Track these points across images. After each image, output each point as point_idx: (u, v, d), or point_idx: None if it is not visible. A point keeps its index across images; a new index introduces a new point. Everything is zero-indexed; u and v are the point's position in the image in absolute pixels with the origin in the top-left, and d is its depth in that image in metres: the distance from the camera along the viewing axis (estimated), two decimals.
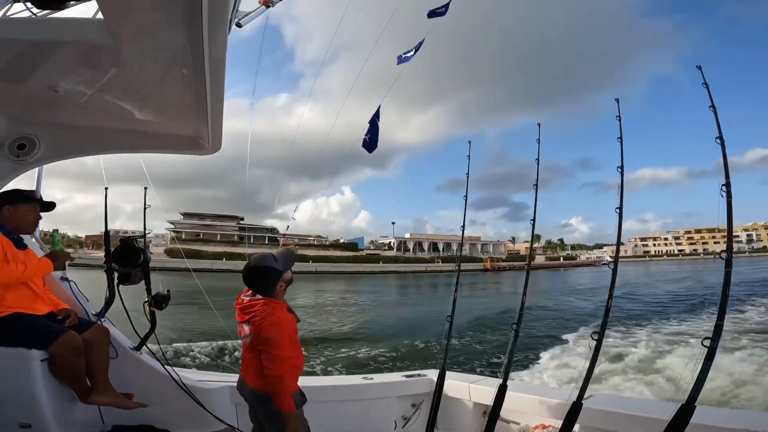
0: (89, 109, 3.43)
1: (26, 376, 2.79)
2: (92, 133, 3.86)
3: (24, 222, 3.25)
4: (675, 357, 12.11)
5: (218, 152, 4.10)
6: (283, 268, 2.95)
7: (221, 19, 2.23)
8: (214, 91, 2.90)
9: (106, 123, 3.77)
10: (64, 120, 3.65)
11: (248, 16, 5.01)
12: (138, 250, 3.68)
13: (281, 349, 2.77)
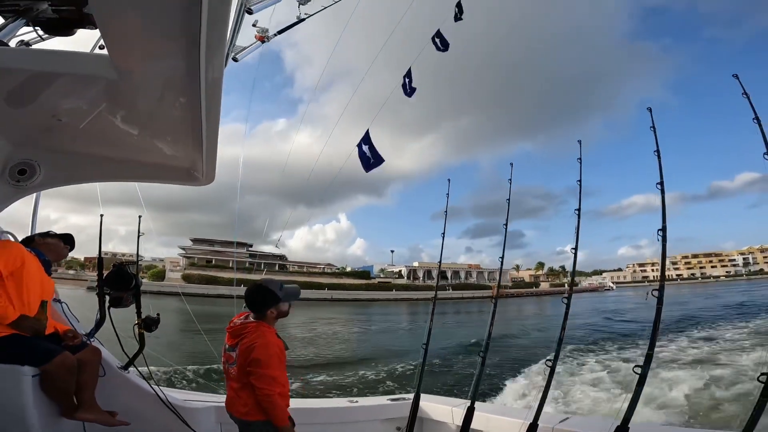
0: (89, 138, 3.45)
1: (17, 390, 2.79)
2: (91, 161, 3.87)
3: (50, 251, 3.46)
4: (613, 381, 12.77)
5: (216, 177, 4.08)
6: (283, 297, 3.03)
7: (217, 57, 2.26)
8: (209, 125, 2.92)
9: (105, 152, 3.78)
10: (64, 147, 3.66)
11: (244, 50, 5.03)
12: (130, 276, 3.71)
13: (271, 369, 2.79)
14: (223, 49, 2.28)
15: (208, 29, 1.99)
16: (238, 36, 4.74)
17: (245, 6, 4.55)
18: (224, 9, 1.98)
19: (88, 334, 3.71)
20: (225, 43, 2.26)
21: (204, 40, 2.05)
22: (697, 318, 29.65)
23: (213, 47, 2.14)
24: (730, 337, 19.70)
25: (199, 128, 2.94)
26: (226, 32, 2.17)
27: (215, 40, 2.11)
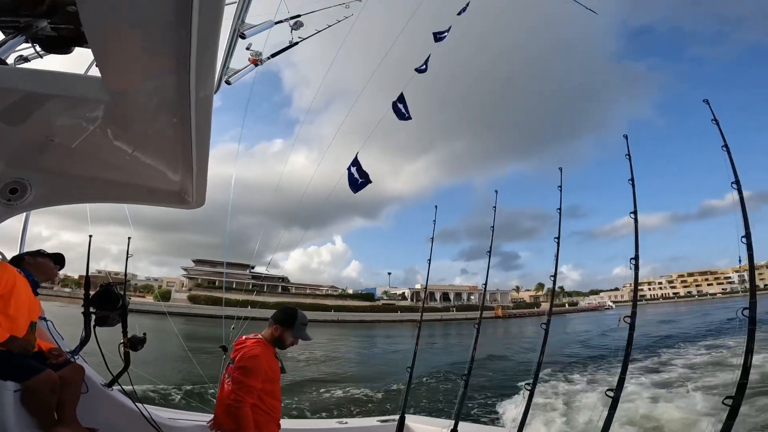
0: (81, 158, 3.41)
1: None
2: (82, 182, 3.82)
3: (40, 271, 3.41)
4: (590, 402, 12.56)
5: (209, 197, 4.05)
6: (294, 329, 3.13)
7: (207, 81, 2.25)
8: (199, 150, 2.91)
9: (96, 173, 3.74)
10: (56, 167, 3.60)
11: (238, 74, 5.00)
12: (117, 296, 3.67)
13: (251, 378, 2.78)
14: (213, 74, 2.26)
15: (197, 54, 1.98)
16: (231, 59, 4.74)
17: (238, 31, 4.53)
18: (214, 34, 1.96)
19: (72, 352, 3.64)
20: (215, 69, 2.24)
21: (194, 65, 2.03)
22: (677, 337, 29.74)
23: (203, 72, 2.13)
24: (701, 360, 19.40)
25: (190, 152, 2.93)
26: (216, 57, 2.14)
27: (205, 65, 2.09)
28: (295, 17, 5.65)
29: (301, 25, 5.73)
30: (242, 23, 4.48)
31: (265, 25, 4.94)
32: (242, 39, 4.62)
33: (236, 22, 4.42)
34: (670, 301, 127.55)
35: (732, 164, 3.82)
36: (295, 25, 5.70)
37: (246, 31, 4.59)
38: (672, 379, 15.06)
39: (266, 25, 4.95)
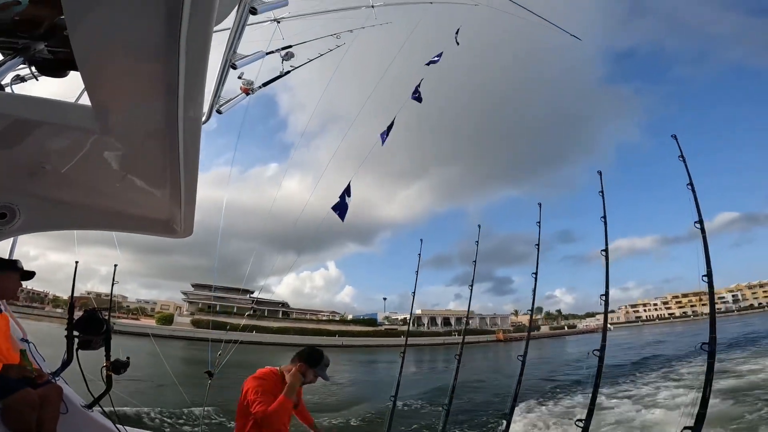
0: (70, 185, 3.38)
1: None
2: (71, 209, 3.78)
3: (4, 288, 3.40)
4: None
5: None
6: (318, 368, 3.24)
7: (195, 113, 2.25)
8: (187, 180, 2.89)
9: (84, 200, 3.70)
10: (45, 194, 3.55)
11: (229, 103, 4.96)
12: (101, 321, 3.62)
13: (261, 396, 2.90)
14: (201, 104, 2.25)
15: (186, 82, 1.96)
16: (222, 88, 4.69)
17: (230, 61, 4.51)
18: (202, 62, 1.94)
19: (53, 373, 3.59)
20: (202, 98, 2.23)
21: (182, 94, 2.01)
22: (649, 364, 29.62)
23: (191, 102, 2.12)
24: (668, 385, 19.58)
25: (178, 182, 2.90)
26: (203, 86, 2.12)
27: (193, 94, 2.08)
28: (286, 48, 5.69)
29: (292, 56, 5.74)
30: (234, 53, 4.47)
31: (257, 55, 4.93)
32: (233, 69, 4.60)
33: (228, 53, 4.40)
34: (666, 322, 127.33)
35: (696, 203, 3.79)
36: (286, 55, 5.71)
37: (237, 61, 4.56)
38: (639, 405, 15.19)
39: (258, 55, 4.94)
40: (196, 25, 1.71)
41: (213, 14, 1.75)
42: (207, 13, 1.71)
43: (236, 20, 4.04)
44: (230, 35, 4.20)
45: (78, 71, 3.00)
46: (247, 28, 4.26)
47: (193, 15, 1.66)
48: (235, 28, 4.09)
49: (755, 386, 15.53)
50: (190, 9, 1.62)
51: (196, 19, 1.68)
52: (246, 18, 4.10)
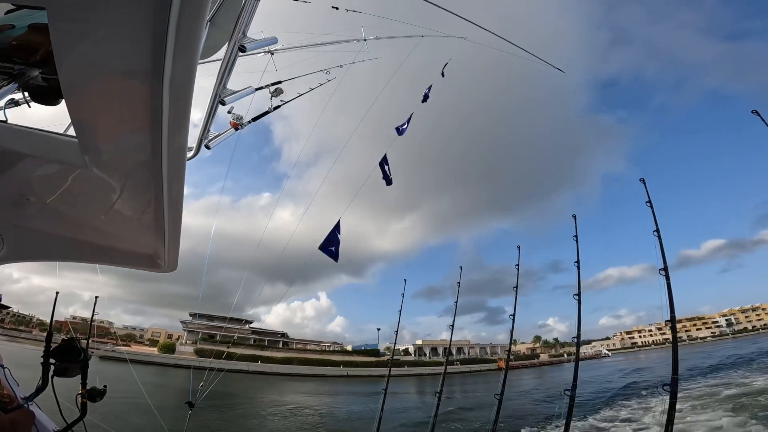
0: (55, 218, 3.32)
1: None
2: (55, 240, 3.70)
3: None
4: None
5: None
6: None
7: (180, 151, 2.23)
8: (172, 216, 2.85)
9: (69, 233, 3.64)
10: (29, 225, 3.48)
11: (218, 138, 4.88)
12: (79, 350, 3.52)
13: None
14: (185, 139, 2.19)
15: (171, 116, 1.92)
16: (212, 123, 4.62)
17: (219, 97, 4.47)
18: (186, 95, 1.89)
19: (27, 398, 3.47)
20: (187, 133, 2.17)
21: (166, 128, 1.97)
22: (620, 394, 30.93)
23: (176, 137, 2.08)
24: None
25: (162, 217, 2.86)
26: (188, 121, 2.07)
27: (178, 129, 2.04)
28: (275, 83, 5.67)
29: (281, 92, 5.69)
30: (224, 88, 4.44)
31: (246, 91, 4.88)
32: (222, 105, 4.55)
33: (217, 88, 4.37)
34: (661, 347, 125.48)
35: (662, 250, 3.69)
36: (276, 92, 5.66)
37: (226, 97, 4.51)
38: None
39: (247, 91, 4.90)
40: (182, 56, 1.69)
41: (198, 46, 1.72)
42: (192, 44, 1.69)
43: (225, 57, 4.02)
44: (220, 71, 4.18)
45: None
46: (240, 58, 4.26)
47: (178, 46, 1.63)
48: (224, 64, 4.07)
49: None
50: (175, 40, 1.60)
51: (181, 50, 1.65)
52: (235, 56, 4.08)
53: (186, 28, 1.58)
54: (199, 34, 1.67)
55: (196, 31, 1.63)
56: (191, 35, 1.63)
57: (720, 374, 33.67)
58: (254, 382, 54.75)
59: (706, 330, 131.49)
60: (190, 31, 1.61)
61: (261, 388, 48.34)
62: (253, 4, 3.77)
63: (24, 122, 2.68)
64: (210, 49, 4.56)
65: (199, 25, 1.62)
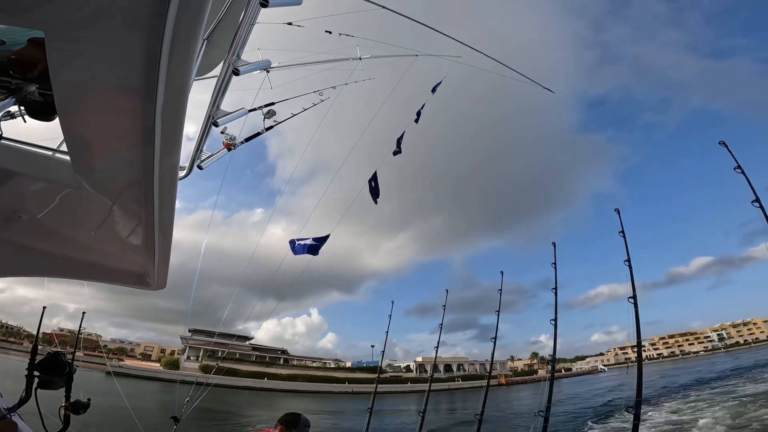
0: (45, 234, 3.27)
1: None
2: (44, 257, 3.63)
3: None
4: None
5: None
6: (296, 429, 3.44)
7: (171, 173, 2.23)
8: (162, 235, 2.84)
9: (59, 250, 3.58)
10: (19, 241, 3.40)
11: (211, 158, 4.85)
12: (64, 363, 3.49)
13: None
14: (177, 157, 2.18)
15: (163, 133, 1.90)
16: (204, 144, 4.62)
17: (213, 118, 4.45)
18: (179, 113, 1.87)
19: (10, 409, 3.41)
20: (179, 152, 2.16)
21: (159, 146, 1.96)
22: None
23: (167, 155, 2.06)
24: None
25: (152, 236, 2.84)
26: (180, 139, 2.06)
27: (170, 147, 2.02)
28: (269, 105, 5.64)
29: (273, 114, 5.66)
30: (217, 109, 4.43)
31: (239, 113, 4.88)
32: (215, 126, 4.52)
33: (211, 109, 4.36)
34: (654, 362, 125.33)
35: (632, 279, 3.68)
36: (268, 113, 5.62)
37: (219, 119, 4.47)
38: None
39: (240, 113, 4.90)
40: (175, 76, 1.68)
41: (192, 66, 1.72)
42: (186, 64, 1.68)
43: (219, 80, 4.03)
44: (213, 93, 4.18)
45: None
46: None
47: (171, 66, 1.62)
48: (218, 87, 4.08)
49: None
50: (168, 59, 1.59)
51: (174, 69, 1.64)
52: (229, 78, 4.08)
53: (180, 49, 1.57)
54: (193, 54, 1.67)
55: (189, 51, 1.63)
56: (185, 55, 1.63)
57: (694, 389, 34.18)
58: (259, 398, 54.02)
59: (698, 345, 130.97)
60: (184, 51, 1.60)
61: (263, 405, 47.66)
62: (246, 28, 3.75)
63: (18, 136, 2.68)
64: (207, 67, 4.56)
65: (193, 46, 1.62)
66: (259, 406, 45.81)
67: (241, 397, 49.76)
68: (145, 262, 3.47)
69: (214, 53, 4.31)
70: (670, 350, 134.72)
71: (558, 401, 36.26)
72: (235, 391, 56.97)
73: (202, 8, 1.46)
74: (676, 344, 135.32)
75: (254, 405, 46.24)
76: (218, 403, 28.72)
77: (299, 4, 4.14)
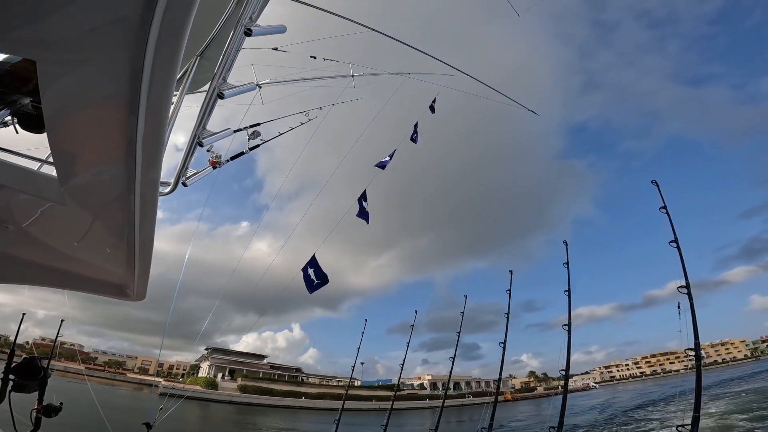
0: (29, 244, 3.28)
1: None
2: (27, 266, 3.65)
3: None
4: None
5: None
6: None
7: (152, 190, 2.27)
8: (142, 249, 2.87)
9: (42, 260, 3.59)
10: (3, 248, 3.42)
11: (196, 176, 4.83)
12: (39, 368, 3.51)
13: None
14: (158, 171, 2.22)
15: (144, 147, 1.94)
16: (190, 161, 4.53)
17: (198, 137, 4.45)
18: (160, 127, 1.92)
19: None
20: (160, 165, 2.20)
21: (140, 159, 1.99)
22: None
23: (149, 169, 2.10)
24: None
25: (133, 249, 2.86)
26: (161, 153, 2.11)
27: (152, 161, 2.06)
28: (254, 126, 5.66)
29: (258, 134, 5.63)
30: (203, 129, 4.45)
31: (225, 133, 4.85)
32: (200, 147, 4.49)
33: (196, 129, 4.38)
34: (638, 380, 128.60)
35: (569, 310, 3.80)
36: (253, 134, 5.61)
37: (204, 139, 4.44)
38: None
39: (226, 133, 4.86)
40: (157, 89, 1.73)
41: (173, 80, 1.76)
42: (167, 78, 1.73)
43: (204, 102, 4.02)
44: (199, 114, 4.18)
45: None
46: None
47: (154, 82, 1.68)
48: (203, 109, 4.06)
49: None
50: (150, 76, 1.65)
51: (157, 81, 1.69)
52: (214, 102, 4.11)
53: (162, 66, 1.64)
54: (174, 72, 1.72)
55: (171, 68, 1.69)
56: (167, 73, 1.69)
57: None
58: (295, 415, 53.45)
59: (678, 363, 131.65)
60: (165, 68, 1.66)
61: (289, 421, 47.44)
62: (232, 54, 3.82)
63: (7, 146, 2.74)
64: (201, 82, 4.55)
65: (174, 64, 1.67)
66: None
67: (269, 415, 49.89)
68: (125, 274, 3.50)
69: (209, 67, 4.33)
70: (653, 368, 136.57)
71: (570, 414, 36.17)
72: (266, 410, 57.18)
73: (184, 27, 1.52)
74: (658, 363, 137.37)
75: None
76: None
77: (283, 32, 4.25)
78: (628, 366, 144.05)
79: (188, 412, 36.79)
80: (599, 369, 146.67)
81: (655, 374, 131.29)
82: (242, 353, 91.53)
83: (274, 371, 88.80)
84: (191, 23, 1.52)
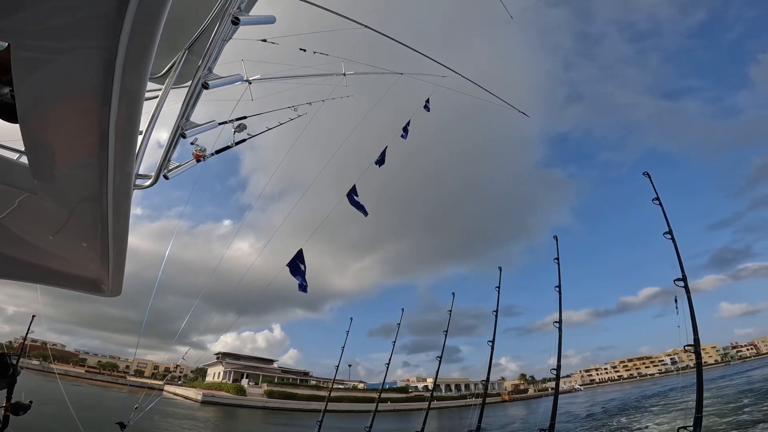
0: (1, 236, 3.12)
1: None
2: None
3: None
4: None
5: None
6: None
7: (125, 183, 2.22)
8: (116, 243, 2.82)
9: (14, 253, 3.43)
10: None
11: (178, 168, 4.69)
12: (8, 365, 3.39)
13: None
14: (131, 163, 2.17)
15: (117, 139, 1.90)
16: (172, 154, 4.38)
17: (181, 129, 4.33)
18: (133, 118, 1.86)
19: None
20: (133, 158, 2.15)
21: (113, 151, 1.96)
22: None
23: (122, 161, 2.06)
24: None
25: (107, 244, 2.82)
26: (134, 145, 2.06)
27: (125, 153, 2.01)
28: (240, 118, 5.50)
29: (244, 128, 5.46)
30: (186, 121, 4.32)
31: (209, 125, 4.70)
32: (183, 138, 4.38)
33: (179, 121, 4.25)
34: (616, 383, 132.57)
35: (560, 307, 3.80)
36: (239, 127, 5.41)
37: (188, 130, 4.26)
38: None
39: (210, 125, 4.71)
40: (131, 77, 1.68)
41: (146, 71, 1.71)
42: (140, 69, 1.68)
43: (189, 92, 3.93)
44: (182, 105, 4.07)
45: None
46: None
47: (128, 67, 1.63)
48: (187, 99, 3.98)
49: None
50: (124, 60, 1.60)
51: (131, 71, 1.65)
52: (199, 92, 4.00)
53: (136, 57, 1.59)
54: (148, 63, 1.67)
55: (144, 59, 1.64)
56: (140, 63, 1.64)
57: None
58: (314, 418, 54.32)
59: (654, 368, 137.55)
60: (138, 59, 1.61)
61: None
62: (219, 44, 3.71)
63: None
64: (187, 76, 4.42)
65: (147, 54, 1.62)
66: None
67: (296, 419, 50.56)
68: (100, 269, 3.40)
69: (197, 61, 4.20)
70: (629, 372, 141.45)
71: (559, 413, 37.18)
72: (291, 414, 58.29)
73: (159, 15, 1.48)
74: (635, 367, 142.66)
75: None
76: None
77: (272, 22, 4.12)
78: (606, 369, 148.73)
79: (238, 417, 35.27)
80: (580, 372, 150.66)
81: (631, 378, 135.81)
82: (253, 357, 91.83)
83: (285, 375, 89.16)
84: (167, 12, 1.48)
